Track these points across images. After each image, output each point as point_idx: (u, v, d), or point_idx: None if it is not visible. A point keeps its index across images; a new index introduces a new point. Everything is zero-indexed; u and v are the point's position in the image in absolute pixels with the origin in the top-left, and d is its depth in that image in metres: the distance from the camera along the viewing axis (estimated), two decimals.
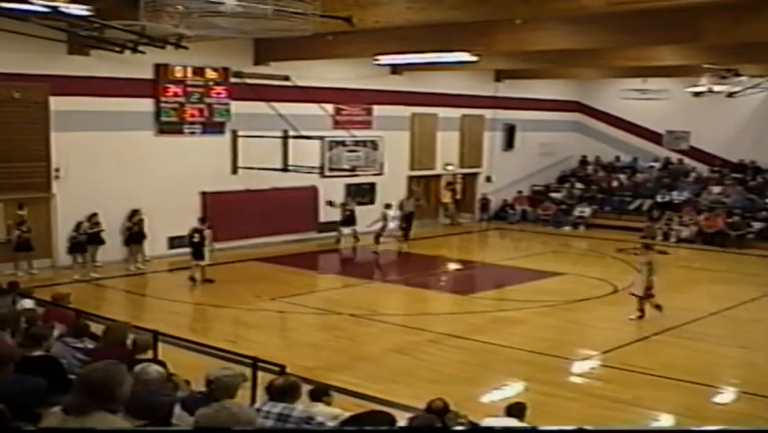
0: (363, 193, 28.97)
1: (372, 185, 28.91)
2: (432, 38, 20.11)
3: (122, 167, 22.44)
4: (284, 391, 7.43)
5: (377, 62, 25.42)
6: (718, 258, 26.65)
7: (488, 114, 33.38)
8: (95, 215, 21.36)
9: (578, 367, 14.54)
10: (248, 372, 9.84)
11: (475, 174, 33.84)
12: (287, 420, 7.09)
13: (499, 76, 32.68)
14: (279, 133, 24.35)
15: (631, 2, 14.57)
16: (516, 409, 9.04)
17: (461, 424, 8.69)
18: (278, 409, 7.21)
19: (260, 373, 10.12)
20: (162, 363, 8.91)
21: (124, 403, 5.33)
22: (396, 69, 28.22)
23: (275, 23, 11.23)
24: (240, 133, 24.65)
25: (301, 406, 7.60)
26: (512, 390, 13.15)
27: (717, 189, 32.38)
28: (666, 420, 11.89)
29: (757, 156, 33.08)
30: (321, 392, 8.52)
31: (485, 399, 12.67)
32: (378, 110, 29.11)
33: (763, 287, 21.48)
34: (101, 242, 21.53)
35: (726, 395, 13.29)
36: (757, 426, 11.57)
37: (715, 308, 18.65)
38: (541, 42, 19.97)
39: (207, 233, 20.79)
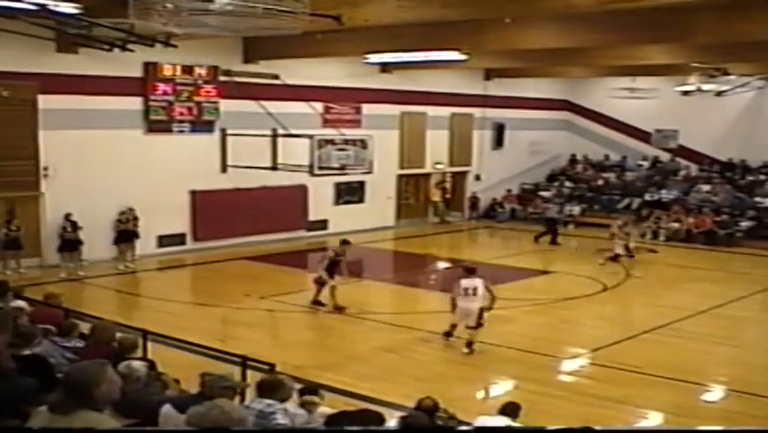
0: (353, 192, 28.99)
1: (362, 183, 28.94)
2: (422, 36, 20.10)
3: (110, 165, 22.36)
4: (269, 387, 7.43)
5: (366, 61, 25.42)
6: (707, 256, 26.71)
7: (477, 112, 33.41)
8: (69, 214, 21.26)
9: (568, 365, 14.57)
10: (237, 371, 9.83)
11: (464, 173, 33.87)
12: (266, 417, 7.06)
13: (489, 74, 32.72)
14: (269, 132, 24.30)
15: (620, 1, 14.60)
16: (509, 409, 9.04)
17: (451, 423, 8.70)
18: (256, 405, 7.19)
19: (250, 372, 10.10)
20: (151, 362, 8.90)
21: (107, 402, 5.32)
22: (385, 67, 28.21)
23: (264, 21, 11.21)
24: (229, 131, 24.60)
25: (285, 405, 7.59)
26: (502, 388, 13.18)
27: (705, 188, 32.47)
28: (655, 418, 11.92)
29: (746, 155, 33.17)
30: (310, 391, 8.50)
31: (475, 397, 12.68)
32: (367, 109, 29.11)
33: (750, 285, 21.58)
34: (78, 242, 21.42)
35: (715, 393, 13.34)
36: (746, 424, 11.56)
37: (704, 306, 18.70)
38: (530, 41, 20.00)
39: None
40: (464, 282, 14.90)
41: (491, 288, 15.15)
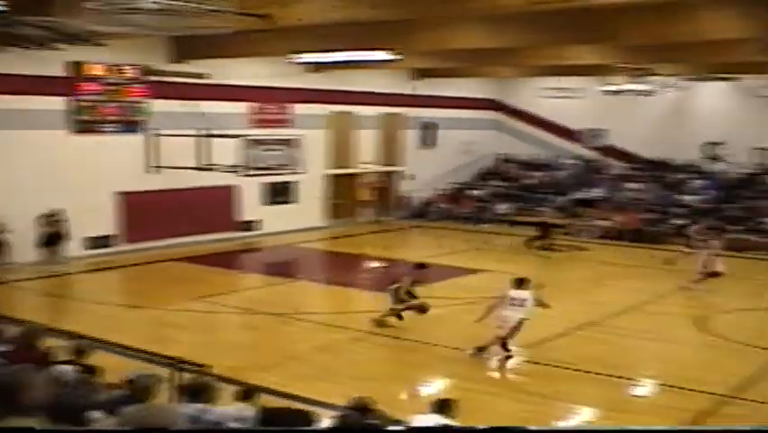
0: (284, 192, 28.87)
1: (292, 184, 28.87)
2: (353, 36, 20.06)
3: (35, 167, 21.94)
4: (195, 390, 7.36)
5: (295, 60, 25.30)
6: (636, 253, 27.09)
7: (407, 112, 33.50)
8: None
9: (502, 363, 14.62)
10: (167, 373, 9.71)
11: (395, 172, 33.93)
12: (197, 422, 7.00)
13: (419, 74, 32.80)
14: (199, 132, 24.05)
15: (548, 2, 14.72)
16: (443, 406, 9.02)
17: (385, 421, 8.68)
18: (190, 410, 7.12)
19: (183, 374, 9.97)
20: (83, 366, 8.75)
21: (35, 407, 5.21)
22: (316, 67, 28.12)
23: (194, 20, 11.10)
24: (158, 131, 24.28)
25: (220, 408, 7.53)
26: (437, 387, 13.20)
27: (634, 186, 32.97)
28: (588, 414, 12.03)
29: (672, 153, 33.75)
30: (247, 393, 8.42)
31: (410, 396, 12.68)
32: (297, 109, 29.00)
33: (678, 281, 21.95)
34: None
35: (647, 388, 13.49)
36: (676, 417, 11.72)
37: (634, 302, 18.98)
38: (459, 41, 20.09)
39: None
40: (512, 293, 14.77)
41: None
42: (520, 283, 14.90)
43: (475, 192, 35.15)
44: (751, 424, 11.75)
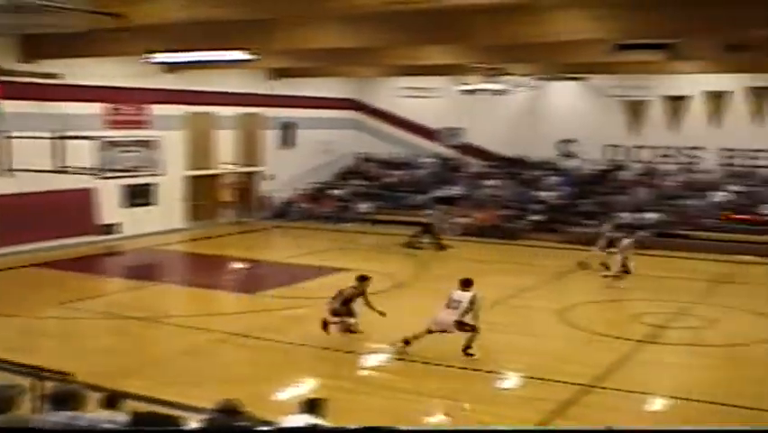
0: (143, 194, 28.30)
1: (152, 185, 28.35)
2: (207, 36, 19.84)
3: None
4: (62, 398, 7.17)
5: (149, 60, 24.78)
6: (496, 249, 27.63)
7: (266, 112, 33.33)
8: None
9: (371, 361, 14.66)
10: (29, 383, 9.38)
11: (255, 173, 33.69)
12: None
13: (277, 74, 32.67)
14: (54, 134, 23.27)
15: (403, 2, 14.89)
16: (312, 405, 8.97)
17: (254, 423, 8.61)
18: (59, 418, 6.92)
19: (45, 383, 9.64)
20: None
21: None
22: (172, 67, 27.65)
23: (42, 17, 10.77)
24: (10, 133, 23.33)
25: (89, 414, 7.34)
26: (307, 387, 13.13)
27: (491, 183, 33.64)
28: (457, 409, 12.12)
29: (528, 151, 34.61)
30: (111, 400, 8.21)
31: (280, 397, 12.58)
32: (155, 109, 28.47)
33: (538, 276, 22.53)
34: None
35: (514, 380, 13.72)
36: (545, 409, 11.96)
37: (497, 297, 19.32)
38: (316, 41, 20.07)
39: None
40: (453, 294, 14.96)
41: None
42: (464, 285, 15.01)
43: (336, 192, 35.20)
44: (619, 413, 12.14)
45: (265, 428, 8.70)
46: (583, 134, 34.02)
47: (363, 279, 16.42)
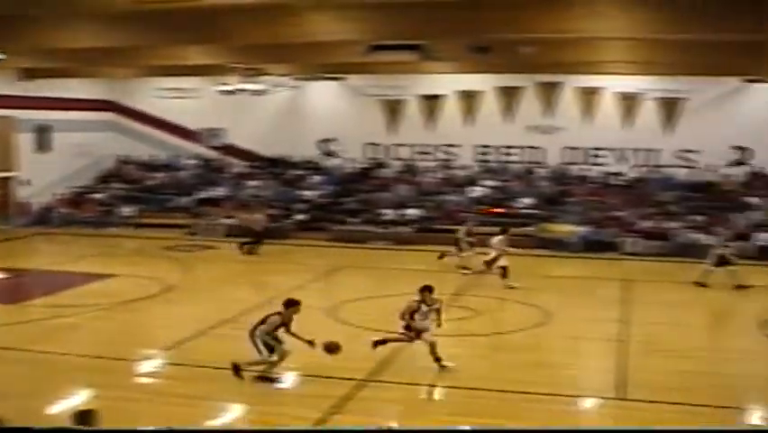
0: None
1: None
2: None
3: None
4: None
5: None
6: (262, 250, 27.60)
7: (18, 114, 31.81)
8: None
9: (143, 367, 14.32)
10: None
11: (10, 178, 32.11)
12: None
13: (28, 75, 31.28)
14: None
15: (156, 1, 14.70)
16: (84, 417, 8.71)
17: None
18: None
19: None
20: None
21: None
22: None
23: None
24: None
25: None
26: (79, 398, 12.67)
27: (255, 184, 33.62)
28: (237, 411, 12.08)
29: (290, 150, 34.85)
30: None
31: (50, 411, 12.08)
32: None
33: (306, 275, 22.77)
34: None
35: (290, 379, 13.63)
36: (318, 405, 12.10)
37: (266, 297, 19.30)
38: (68, 40, 19.53)
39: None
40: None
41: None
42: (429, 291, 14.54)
43: (97, 196, 34.09)
44: (394, 404, 12.45)
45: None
46: (343, 133, 34.67)
47: (291, 304, 14.01)
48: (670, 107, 32.34)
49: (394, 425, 11.38)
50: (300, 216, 30.87)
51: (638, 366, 14.34)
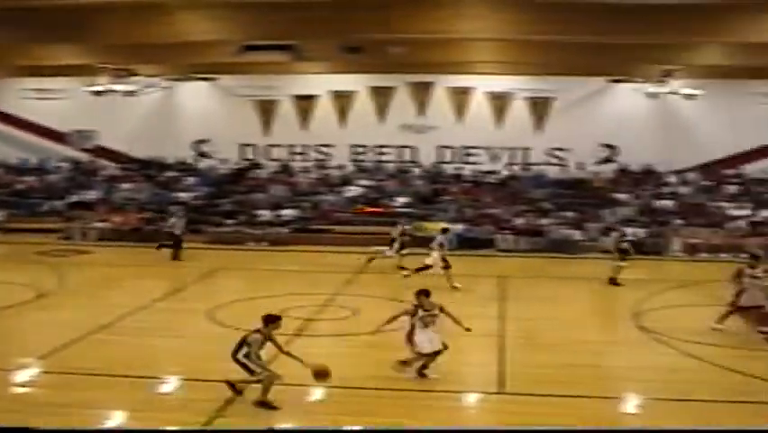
0: None
1: None
2: None
3: None
4: None
5: None
6: (137, 253, 27.19)
7: None
8: None
9: (18, 377, 13.95)
10: None
11: None
12: None
13: None
14: None
15: None
16: None
17: None
18: None
19: None
20: None
21: None
22: None
23: None
24: None
25: None
26: None
27: (128, 186, 33.11)
28: (120, 418, 11.92)
29: (164, 152, 34.47)
30: None
31: None
32: None
33: (184, 277, 22.64)
34: None
35: (171, 384, 13.61)
36: (202, 409, 12.07)
37: (145, 301, 19.21)
38: None
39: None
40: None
41: None
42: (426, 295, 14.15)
43: None
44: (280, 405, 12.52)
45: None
46: (217, 134, 34.57)
47: (272, 320, 12.88)
48: (539, 107, 33.30)
49: (276, 426, 11.51)
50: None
51: (518, 361, 14.78)
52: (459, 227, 28.83)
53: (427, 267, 21.88)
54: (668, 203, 31.15)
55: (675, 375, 14.15)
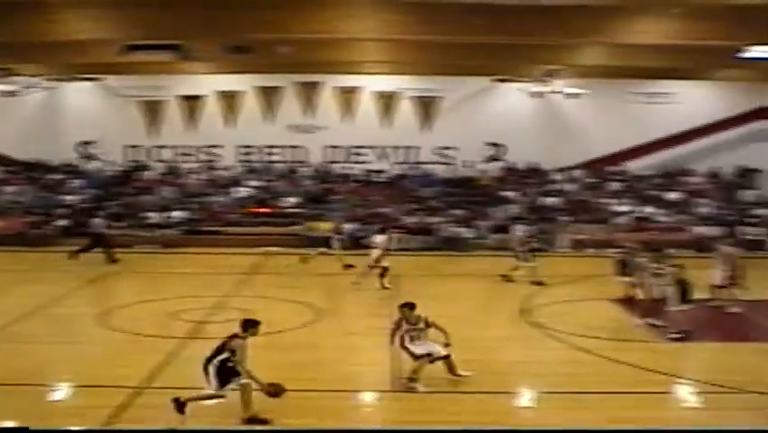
0: None
1: None
2: None
3: None
4: None
5: None
6: (23, 258, 26.71)
7: None
8: None
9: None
10: None
11: None
12: None
13: None
14: None
15: None
16: None
17: None
18: None
19: None
20: None
21: None
22: None
23: None
24: None
25: None
26: None
27: (11, 189, 32.31)
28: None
29: (49, 154, 33.74)
30: None
31: None
32: None
33: (72, 282, 22.23)
34: None
35: (62, 391, 13.36)
36: (96, 415, 11.91)
37: (31, 306, 18.80)
38: None
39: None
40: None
41: None
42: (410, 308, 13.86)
43: None
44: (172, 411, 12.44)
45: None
46: (103, 135, 33.92)
47: (252, 325, 12.31)
48: (426, 106, 33.76)
49: (178, 427, 11.47)
50: (62, 222, 29.93)
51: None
52: (349, 226, 28.94)
53: (386, 269, 21.90)
54: (554, 200, 31.95)
55: (567, 368, 14.57)
